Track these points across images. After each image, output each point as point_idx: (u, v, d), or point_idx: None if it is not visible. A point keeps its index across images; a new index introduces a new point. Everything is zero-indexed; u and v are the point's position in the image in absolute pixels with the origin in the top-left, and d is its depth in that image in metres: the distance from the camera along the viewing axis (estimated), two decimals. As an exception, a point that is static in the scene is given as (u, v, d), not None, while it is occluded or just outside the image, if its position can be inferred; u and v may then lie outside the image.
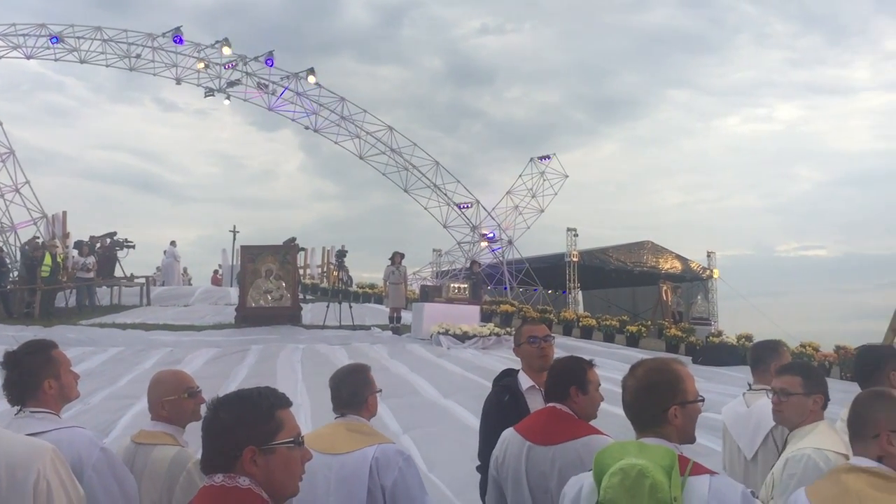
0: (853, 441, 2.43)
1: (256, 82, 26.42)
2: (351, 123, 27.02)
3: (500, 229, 27.98)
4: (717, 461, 6.57)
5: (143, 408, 9.42)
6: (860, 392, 2.51)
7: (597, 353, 15.47)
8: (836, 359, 16.98)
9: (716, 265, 31.06)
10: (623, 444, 2.36)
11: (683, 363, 2.55)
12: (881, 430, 2.32)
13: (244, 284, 19.12)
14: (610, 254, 29.10)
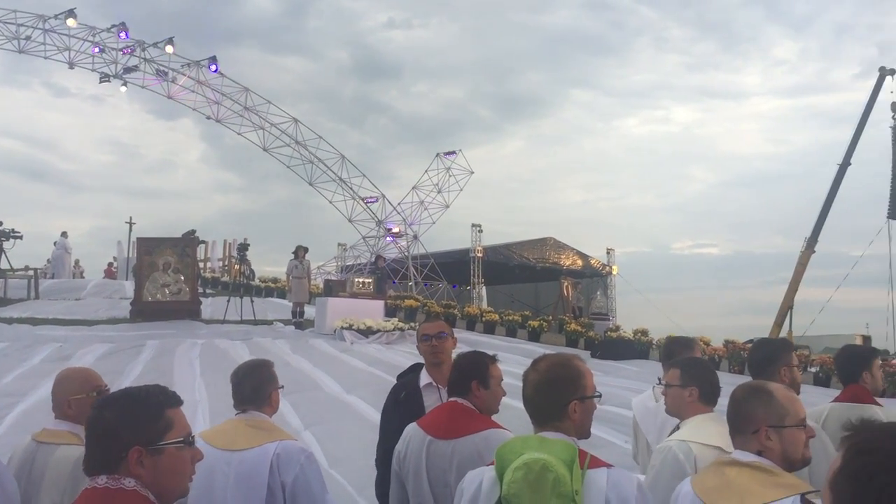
0: (733, 435, 2.47)
1: (155, 69, 25.53)
2: (255, 114, 26.49)
3: (405, 224, 27.99)
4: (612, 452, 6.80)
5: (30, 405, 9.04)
6: (737, 387, 2.58)
7: (499, 348, 15.68)
8: (725, 352, 17.76)
9: (615, 262, 31.97)
10: (524, 439, 2.39)
11: (583, 359, 2.59)
12: (760, 426, 2.39)
13: (140, 278, 18.49)
14: (514, 250, 29.53)
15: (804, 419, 2.47)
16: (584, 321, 21.87)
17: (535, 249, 29.94)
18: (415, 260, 27.64)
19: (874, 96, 30.59)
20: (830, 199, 30.50)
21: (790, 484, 2.30)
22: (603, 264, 31.54)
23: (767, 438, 2.37)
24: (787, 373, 3.51)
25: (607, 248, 32.33)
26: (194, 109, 26.59)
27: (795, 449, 2.40)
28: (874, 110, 30.61)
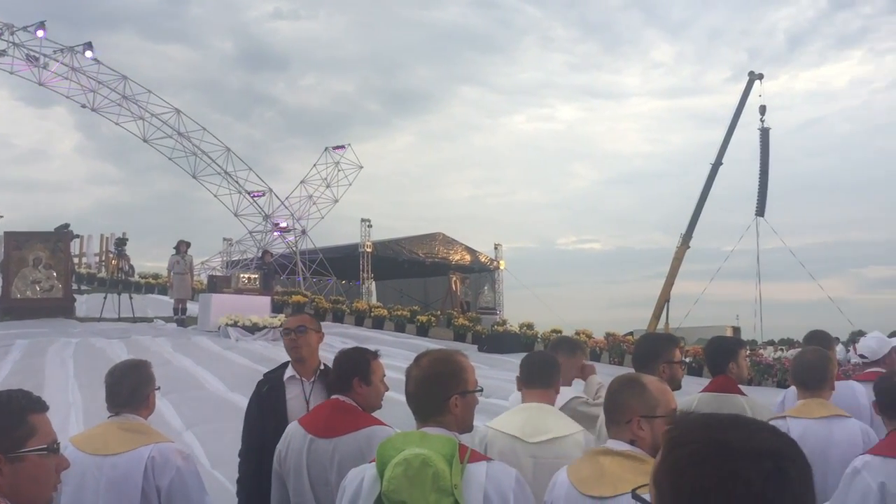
0: (609, 425, 2.56)
1: (25, 54, 24.06)
2: (134, 104, 25.35)
3: (293, 219, 27.54)
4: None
5: None
6: (613, 379, 2.67)
7: (387, 343, 15.69)
8: (606, 345, 18.39)
9: (502, 257, 32.49)
10: (405, 435, 2.40)
11: (465, 355, 2.61)
12: (633, 416, 2.50)
13: (8, 274, 17.48)
14: (403, 245, 29.55)
15: (674, 410, 2.56)
16: (471, 315, 22.16)
17: (425, 245, 30.06)
18: (303, 255, 27.23)
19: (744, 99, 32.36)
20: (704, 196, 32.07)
21: None
22: (491, 259, 32.00)
23: (640, 428, 2.47)
24: (667, 369, 3.60)
25: (495, 244, 32.87)
26: (68, 97, 25.22)
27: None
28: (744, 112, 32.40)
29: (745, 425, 1.17)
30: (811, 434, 3.46)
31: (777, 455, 1.11)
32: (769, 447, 1.12)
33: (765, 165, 32.69)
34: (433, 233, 30.84)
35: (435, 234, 30.80)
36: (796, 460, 1.13)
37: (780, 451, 1.12)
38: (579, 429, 3.25)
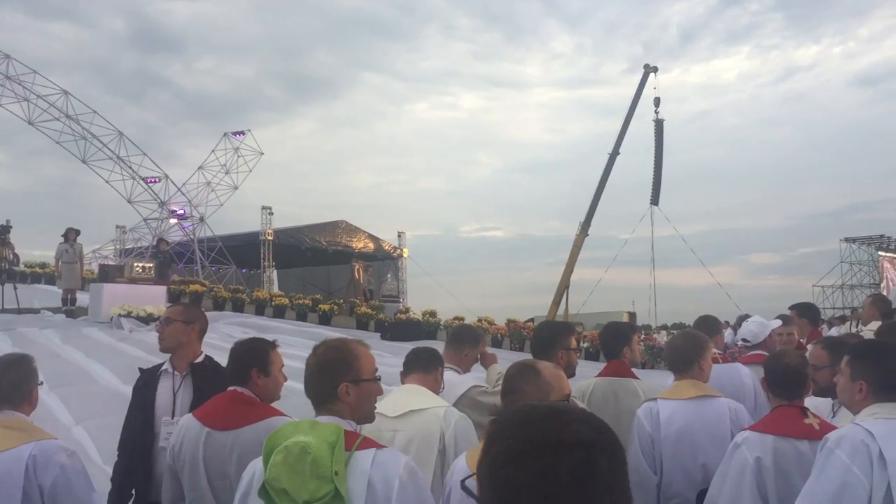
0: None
1: None
2: (18, 84, 24.08)
3: (191, 206, 26.79)
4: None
5: None
6: (510, 365, 2.74)
7: (289, 332, 15.52)
8: (507, 331, 18.71)
9: (405, 244, 32.53)
10: (296, 424, 2.40)
11: (366, 344, 2.63)
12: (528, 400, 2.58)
13: None
14: (305, 233, 29.19)
15: (568, 394, 2.66)
16: (374, 304, 22.12)
17: (327, 232, 29.78)
18: (201, 243, 26.54)
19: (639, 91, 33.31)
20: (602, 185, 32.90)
21: None
22: (394, 247, 32.00)
23: None
24: (564, 355, 3.72)
25: (398, 232, 32.88)
26: (-57, 76, 23.74)
27: None
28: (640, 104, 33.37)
29: (558, 417, 1.20)
30: (680, 414, 3.64)
31: (588, 446, 1.14)
32: (580, 439, 1.15)
33: (659, 156, 33.81)
34: (336, 220, 30.58)
35: (338, 221, 30.55)
36: (609, 450, 1.16)
37: (592, 442, 1.15)
38: (443, 404, 3.33)
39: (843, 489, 2.60)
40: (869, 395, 2.79)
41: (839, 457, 2.64)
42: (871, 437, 2.63)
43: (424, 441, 3.19)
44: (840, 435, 2.71)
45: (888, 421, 2.69)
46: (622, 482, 1.17)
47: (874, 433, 2.64)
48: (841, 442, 2.67)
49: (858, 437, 2.65)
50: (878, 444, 2.61)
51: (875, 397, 2.78)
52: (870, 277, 41.21)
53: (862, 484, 2.59)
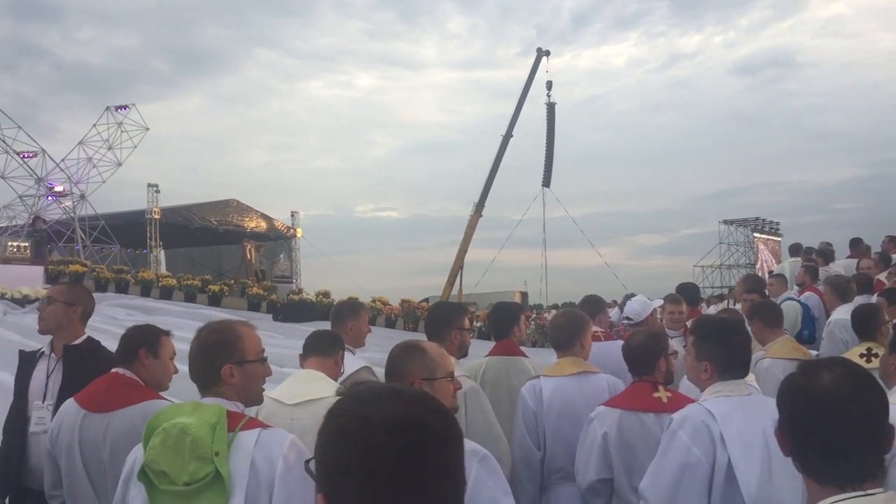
0: None
1: None
2: None
3: (70, 182, 25.52)
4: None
5: None
6: (394, 346, 2.77)
7: (177, 314, 15.13)
8: (401, 311, 18.79)
9: (299, 224, 32.04)
10: (178, 406, 2.36)
11: (251, 325, 2.60)
12: (414, 379, 2.61)
13: None
14: (194, 212, 28.33)
15: (452, 372, 2.71)
16: (266, 284, 21.78)
17: (218, 211, 28.99)
18: (82, 222, 25.34)
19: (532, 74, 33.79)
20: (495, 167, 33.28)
21: None
22: (287, 227, 31.48)
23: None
24: (458, 335, 3.79)
25: (292, 211, 32.32)
26: None
27: (446, 398, 2.66)
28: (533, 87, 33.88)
29: (394, 398, 1.20)
30: (561, 390, 3.78)
31: (418, 427, 1.14)
32: (410, 420, 1.15)
33: (551, 139, 34.47)
34: (227, 199, 29.81)
35: (228, 200, 29.79)
36: (440, 431, 1.16)
37: (422, 422, 1.15)
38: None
39: (685, 469, 2.74)
40: (714, 375, 2.92)
41: (681, 438, 2.78)
42: (712, 417, 2.77)
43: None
44: (683, 415, 2.84)
45: (729, 399, 2.84)
46: (453, 465, 1.17)
47: (714, 413, 2.78)
48: (683, 423, 2.81)
49: (699, 417, 2.79)
50: (718, 424, 2.75)
51: (719, 376, 2.91)
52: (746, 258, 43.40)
53: (702, 464, 2.73)
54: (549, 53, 33.83)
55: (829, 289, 6.98)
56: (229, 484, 2.18)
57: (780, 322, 5.14)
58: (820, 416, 1.68)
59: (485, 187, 33.02)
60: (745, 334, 3.10)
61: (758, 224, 43.85)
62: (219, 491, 2.17)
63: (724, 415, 2.79)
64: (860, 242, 10.73)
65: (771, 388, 3.22)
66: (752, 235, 43.47)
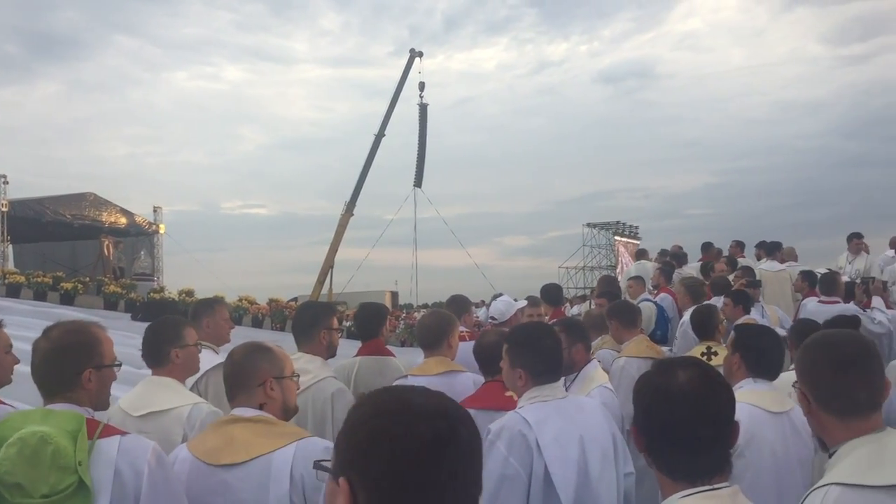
0: (236, 394, 2.60)
1: None
2: None
3: None
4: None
5: None
6: (234, 349, 2.69)
7: (24, 313, 14.22)
8: (269, 311, 18.42)
9: (162, 220, 30.80)
10: (25, 413, 2.25)
11: (103, 326, 2.52)
12: (265, 378, 2.57)
13: None
14: (47, 205, 26.69)
15: (294, 371, 2.71)
16: (125, 282, 20.83)
17: (73, 205, 27.42)
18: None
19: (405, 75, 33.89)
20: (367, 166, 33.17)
21: (290, 432, 2.53)
22: (149, 222, 30.17)
23: (271, 389, 2.56)
24: (327, 335, 3.76)
25: (154, 206, 30.99)
26: None
27: (292, 397, 2.65)
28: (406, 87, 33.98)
29: (426, 391, 1.26)
30: (429, 389, 3.81)
31: (449, 415, 1.20)
32: (442, 408, 1.20)
33: (423, 139, 34.66)
34: (83, 192, 28.24)
35: (85, 193, 28.24)
36: (466, 420, 1.22)
37: (452, 412, 1.21)
38: (189, 401, 3.15)
39: (503, 481, 2.78)
40: (528, 381, 2.99)
41: (499, 448, 2.82)
42: (528, 426, 2.84)
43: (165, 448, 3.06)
44: (500, 426, 2.88)
45: (544, 404, 2.91)
46: (478, 451, 1.23)
47: (530, 421, 2.85)
48: (500, 433, 2.85)
49: (516, 427, 2.85)
50: (534, 431, 2.82)
51: (534, 382, 2.98)
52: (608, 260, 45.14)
53: (520, 475, 2.79)
54: (422, 54, 34.01)
55: (684, 290, 7.39)
56: (94, 494, 2.11)
57: (635, 322, 5.39)
58: (675, 414, 1.77)
59: (356, 186, 32.86)
60: (555, 339, 3.14)
61: (619, 227, 45.72)
62: (81, 502, 2.09)
63: (540, 421, 2.84)
64: (711, 246, 11.44)
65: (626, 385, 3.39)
66: (613, 238, 45.28)
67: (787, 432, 3.12)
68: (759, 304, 7.92)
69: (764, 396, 3.16)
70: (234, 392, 2.61)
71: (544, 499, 2.78)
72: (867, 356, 2.06)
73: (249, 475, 2.40)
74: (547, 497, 2.78)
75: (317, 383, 3.57)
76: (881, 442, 1.95)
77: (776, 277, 9.40)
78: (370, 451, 1.16)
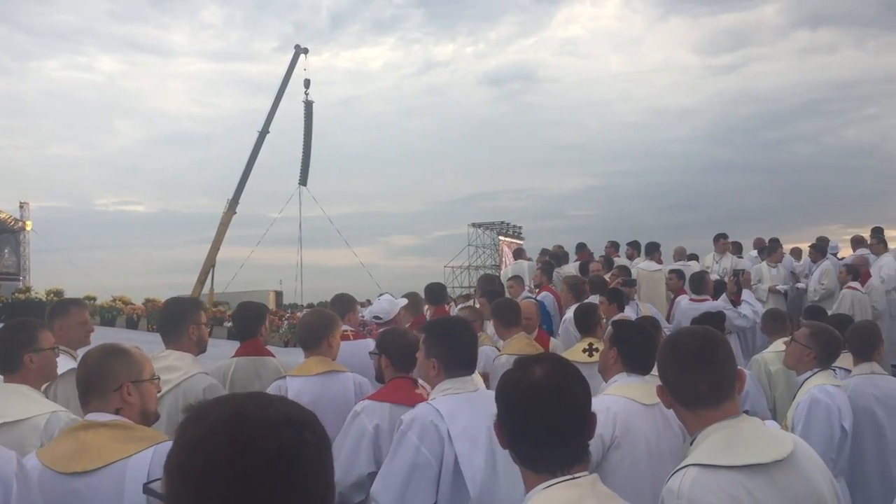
0: (91, 398, 2.47)
1: None
2: None
3: None
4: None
5: None
6: (87, 352, 2.57)
7: None
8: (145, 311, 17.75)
9: (29, 217, 29.22)
10: None
11: None
12: (122, 382, 2.46)
13: None
14: None
15: (154, 373, 2.61)
16: (-13, 282, 19.61)
17: (-74, 200, 25.62)
18: None
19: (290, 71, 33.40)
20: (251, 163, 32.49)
21: (147, 437, 2.41)
22: (15, 219, 28.54)
23: (129, 394, 2.44)
24: (196, 330, 3.67)
25: (20, 202, 29.39)
26: None
27: (151, 401, 2.54)
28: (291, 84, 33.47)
29: (260, 398, 1.16)
30: (308, 389, 3.78)
31: (294, 423, 1.11)
32: (286, 415, 1.12)
33: (308, 137, 34.24)
34: (-62, 187, 26.45)
35: (-60, 188, 26.45)
36: (314, 427, 1.14)
37: (298, 418, 1.13)
38: (47, 410, 2.98)
39: (414, 470, 2.85)
40: (441, 372, 3.07)
41: (410, 438, 2.89)
42: (440, 416, 2.92)
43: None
44: (413, 416, 2.96)
45: (456, 396, 3.00)
46: (328, 459, 1.15)
47: (442, 411, 2.93)
48: (412, 423, 2.92)
49: (428, 417, 2.92)
50: (445, 422, 2.90)
51: (446, 373, 3.07)
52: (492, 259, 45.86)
53: (431, 464, 2.86)
54: (308, 51, 33.60)
55: (566, 288, 7.61)
56: None
57: (515, 320, 5.50)
58: (533, 408, 1.83)
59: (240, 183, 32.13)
60: (471, 332, 3.24)
61: (503, 227, 46.48)
62: None
63: (451, 412, 2.91)
64: (584, 247, 12.05)
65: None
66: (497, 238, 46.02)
67: (659, 423, 3.25)
68: (635, 301, 8.27)
69: (637, 389, 3.28)
70: (87, 397, 2.45)
71: (452, 488, 2.84)
72: (709, 351, 2.18)
73: (102, 483, 2.27)
74: (455, 486, 2.84)
75: (187, 380, 3.49)
76: (735, 427, 2.08)
77: (652, 277, 9.83)
78: (206, 476, 1.05)
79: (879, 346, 4.46)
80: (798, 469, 2.01)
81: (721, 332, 2.44)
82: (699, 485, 1.96)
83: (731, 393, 2.14)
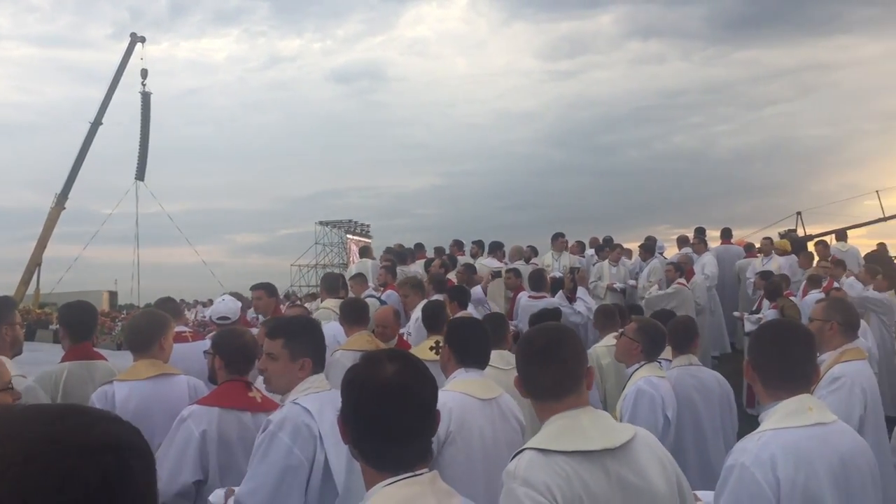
0: None
1: None
2: None
3: None
4: None
5: None
6: None
7: None
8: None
9: None
10: None
11: None
12: None
13: None
14: None
15: (9, 382, 2.51)
16: None
17: None
18: None
19: (126, 60, 31.89)
20: (82, 156, 30.77)
21: None
22: None
23: None
24: (10, 331, 3.60)
25: None
26: None
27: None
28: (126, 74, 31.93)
29: (80, 416, 1.02)
30: (137, 394, 3.64)
31: (118, 447, 0.99)
32: (109, 440, 0.99)
33: (145, 129, 32.89)
34: None
35: None
36: (138, 449, 1.02)
37: (121, 442, 1.00)
38: None
39: (286, 471, 2.83)
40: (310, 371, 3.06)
41: (282, 439, 2.86)
42: (310, 416, 2.91)
43: None
44: (282, 416, 2.93)
45: (318, 394, 3.01)
46: (153, 485, 1.03)
47: (311, 410, 2.93)
48: (283, 424, 2.90)
49: (299, 417, 2.91)
50: (316, 422, 2.90)
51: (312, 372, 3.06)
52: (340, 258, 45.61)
53: (303, 465, 2.86)
54: (145, 40, 32.16)
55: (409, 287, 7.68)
56: None
57: (360, 319, 5.53)
58: (383, 407, 1.82)
59: (69, 177, 30.33)
60: (321, 333, 3.26)
61: (350, 226, 46.35)
62: None
63: (319, 411, 2.92)
64: (422, 247, 12.39)
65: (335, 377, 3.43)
66: (344, 236, 45.82)
67: (497, 417, 3.36)
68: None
69: (474, 384, 3.37)
70: None
71: (322, 487, 2.86)
72: (554, 348, 2.27)
73: None
74: (325, 485, 2.86)
75: None
76: (574, 418, 2.18)
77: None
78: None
79: (696, 339, 4.82)
80: (632, 459, 2.12)
81: (571, 330, 2.55)
82: (533, 465, 2.04)
83: (574, 388, 2.22)
